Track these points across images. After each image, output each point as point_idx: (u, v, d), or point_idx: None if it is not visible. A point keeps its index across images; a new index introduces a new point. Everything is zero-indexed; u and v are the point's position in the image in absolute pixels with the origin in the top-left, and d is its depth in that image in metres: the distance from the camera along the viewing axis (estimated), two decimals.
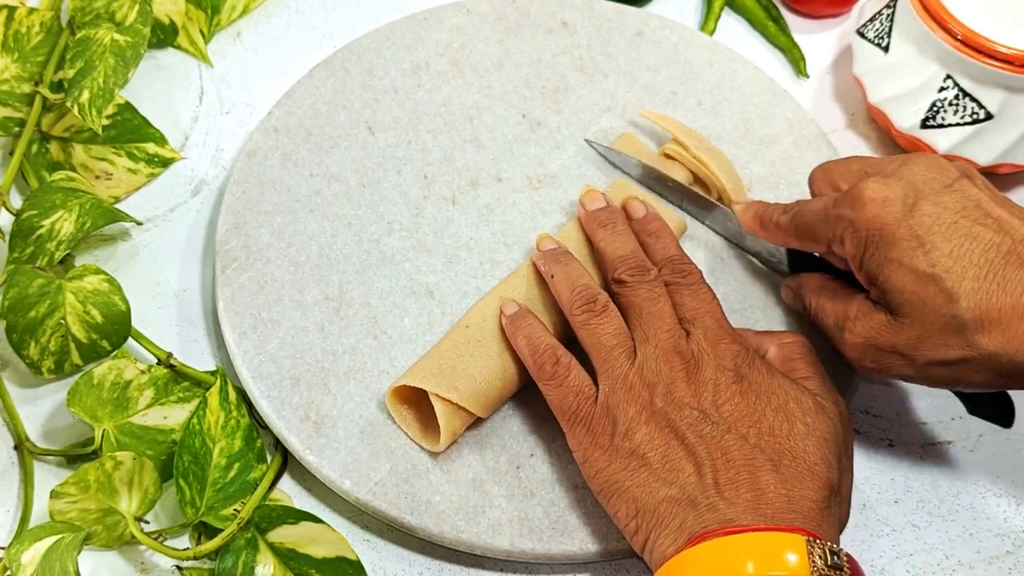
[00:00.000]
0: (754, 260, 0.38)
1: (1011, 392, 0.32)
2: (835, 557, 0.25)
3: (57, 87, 0.40)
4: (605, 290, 0.33)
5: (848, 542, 0.34)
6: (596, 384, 0.30)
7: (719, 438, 0.28)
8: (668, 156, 0.39)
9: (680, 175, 0.38)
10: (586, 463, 0.30)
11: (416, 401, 0.33)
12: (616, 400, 0.29)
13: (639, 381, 0.29)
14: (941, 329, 0.28)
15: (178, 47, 0.44)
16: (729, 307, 0.33)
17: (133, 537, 0.31)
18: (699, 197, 0.38)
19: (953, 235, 0.28)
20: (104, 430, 0.33)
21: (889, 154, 0.43)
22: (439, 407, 0.32)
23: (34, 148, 0.40)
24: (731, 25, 0.47)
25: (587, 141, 0.40)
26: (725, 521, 0.26)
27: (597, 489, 0.29)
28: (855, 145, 0.44)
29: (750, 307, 0.37)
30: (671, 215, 0.37)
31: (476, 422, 0.34)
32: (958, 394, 0.33)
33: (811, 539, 0.25)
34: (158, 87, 0.43)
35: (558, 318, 0.34)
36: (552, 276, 0.33)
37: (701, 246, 0.38)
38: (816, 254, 0.34)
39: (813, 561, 0.25)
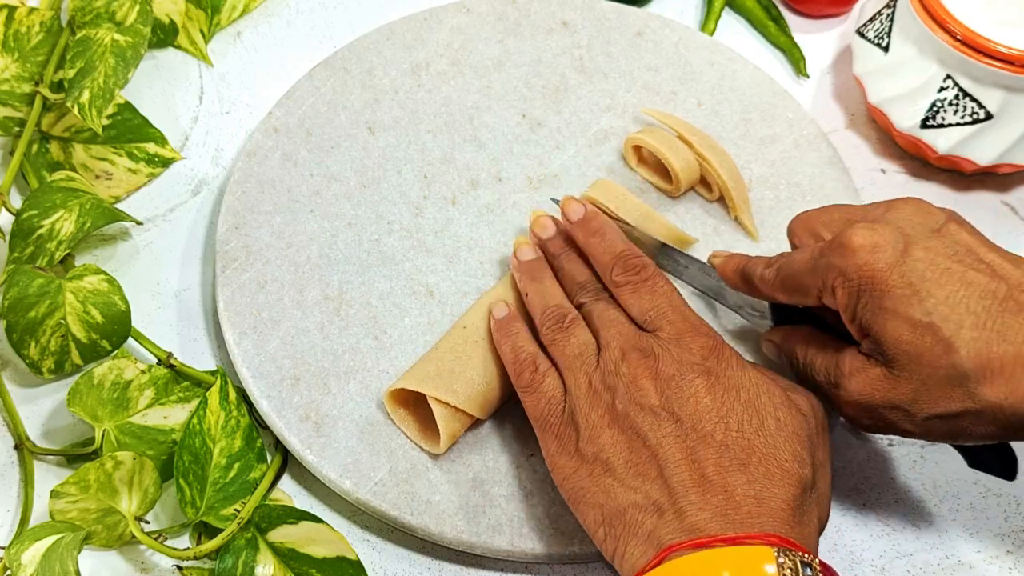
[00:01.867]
0: (736, 314, 0.36)
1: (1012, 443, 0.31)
2: (807, 569, 0.24)
3: (57, 87, 0.40)
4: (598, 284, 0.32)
5: (848, 542, 0.34)
6: None
7: (684, 438, 0.27)
8: (636, 147, 0.39)
9: (658, 230, 0.36)
10: (554, 470, 0.29)
11: (415, 402, 0.33)
12: (579, 406, 0.29)
13: (601, 386, 0.29)
14: (941, 381, 0.27)
15: (178, 47, 0.44)
16: None
17: (133, 537, 0.31)
18: (675, 252, 0.36)
19: (947, 281, 0.27)
20: (104, 430, 0.33)
21: (889, 154, 0.43)
22: (438, 410, 0.32)
23: (34, 148, 0.40)
24: (731, 25, 0.47)
25: (553, 200, 0.37)
26: (692, 530, 0.25)
27: (566, 496, 0.29)
28: (855, 145, 0.44)
29: None
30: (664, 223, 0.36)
31: (476, 422, 0.34)
32: (957, 447, 0.31)
33: (781, 549, 0.24)
34: (158, 87, 0.43)
35: None
36: (527, 295, 0.33)
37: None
38: (802, 307, 0.32)
39: (783, 574, 0.24)
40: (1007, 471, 0.31)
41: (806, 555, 0.24)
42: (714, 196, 0.39)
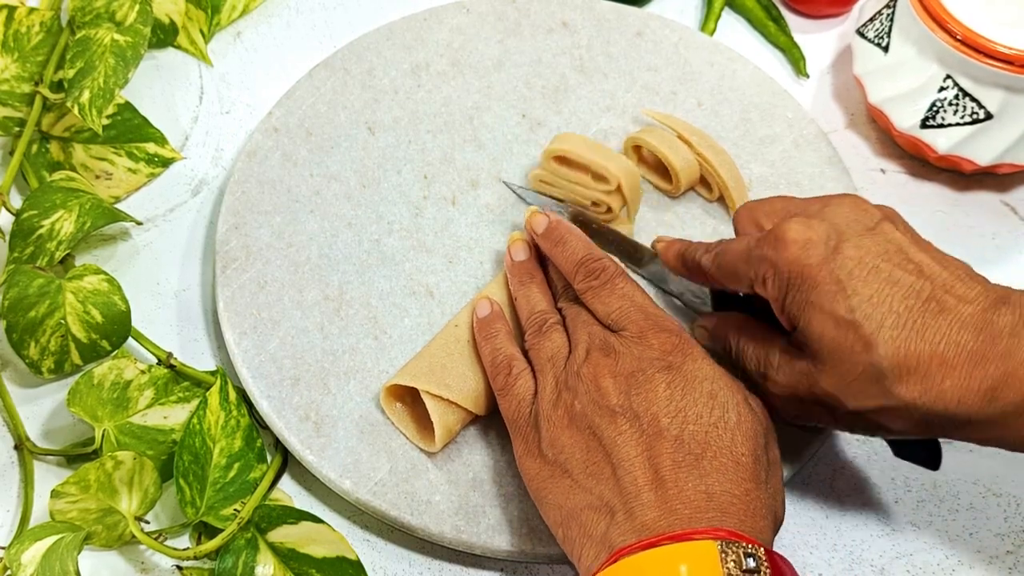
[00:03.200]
0: (677, 301, 0.36)
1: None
2: (751, 559, 0.24)
3: (57, 87, 0.40)
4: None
5: (848, 542, 0.34)
6: None
7: (640, 435, 0.27)
8: (636, 147, 0.39)
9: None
10: (522, 471, 0.30)
11: (412, 401, 0.33)
12: (543, 408, 0.29)
13: (564, 387, 0.29)
14: (860, 377, 0.27)
15: (178, 47, 0.44)
16: None
17: (133, 537, 0.31)
18: (621, 238, 0.36)
19: (874, 280, 0.27)
20: (104, 430, 0.33)
21: (889, 154, 0.43)
22: (431, 404, 0.32)
23: (34, 148, 0.40)
24: (731, 25, 0.47)
25: (504, 183, 0.38)
26: (641, 530, 0.25)
27: (533, 497, 0.29)
28: (855, 145, 0.44)
29: None
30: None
31: (475, 421, 0.34)
32: (885, 439, 0.31)
33: (725, 542, 0.24)
34: (158, 87, 0.43)
35: None
36: (516, 299, 0.34)
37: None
38: (740, 294, 0.33)
39: (727, 567, 0.24)
40: (931, 461, 0.31)
41: (752, 545, 0.24)
42: (714, 196, 0.39)
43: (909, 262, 0.28)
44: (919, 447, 0.31)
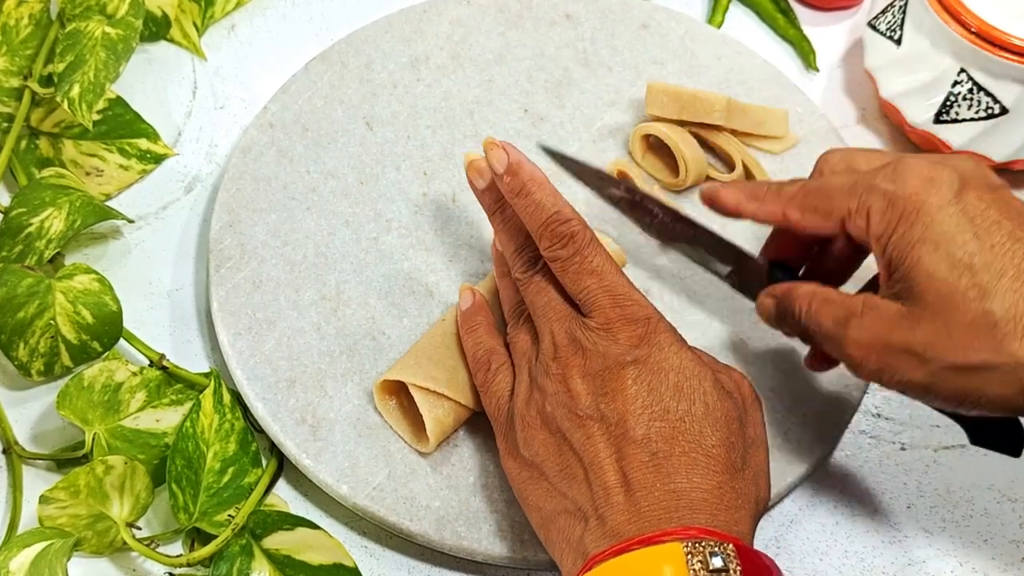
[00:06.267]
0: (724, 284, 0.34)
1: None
2: (717, 558, 0.23)
3: (46, 81, 0.39)
4: None
5: (859, 548, 0.33)
6: None
7: (609, 437, 0.26)
8: (644, 138, 0.39)
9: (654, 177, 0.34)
10: (505, 470, 0.29)
11: (409, 403, 0.33)
12: (518, 407, 0.29)
13: (535, 385, 0.28)
14: (966, 327, 0.26)
15: (171, 40, 0.44)
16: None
17: (124, 543, 0.31)
18: (667, 209, 0.33)
19: (996, 232, 0.26)
20: (95, 434, 0.32)
21: (902, 150, 0.43)
22: (419, 397, 0.31)
23: (23, 144, 0.39)
24: (739, 17, 0.46)
25: (544, 147, 0.34)
26: (613, 536, 0.25)
27: (516, 497, 0.29)
28: (867, 141, 0.43)
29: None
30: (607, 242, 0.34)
31: (474, 423, 0.33)
32: (960, 420, 0.30)
33: (693, 542, 0.24)
34: (150, 81, 0.43)
35: None
36: (500, 286, 0.33)
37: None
38: (794, 261, 0.31)
39: (692, 569, 0.23)
40: (1013, 447, 0.29)
41: (721, 542, 0.24)
42: (735, 173, 0.38)
43: None
44: (1000, 432, 0.29)
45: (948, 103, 0.39)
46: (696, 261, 0.34)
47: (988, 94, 0.38)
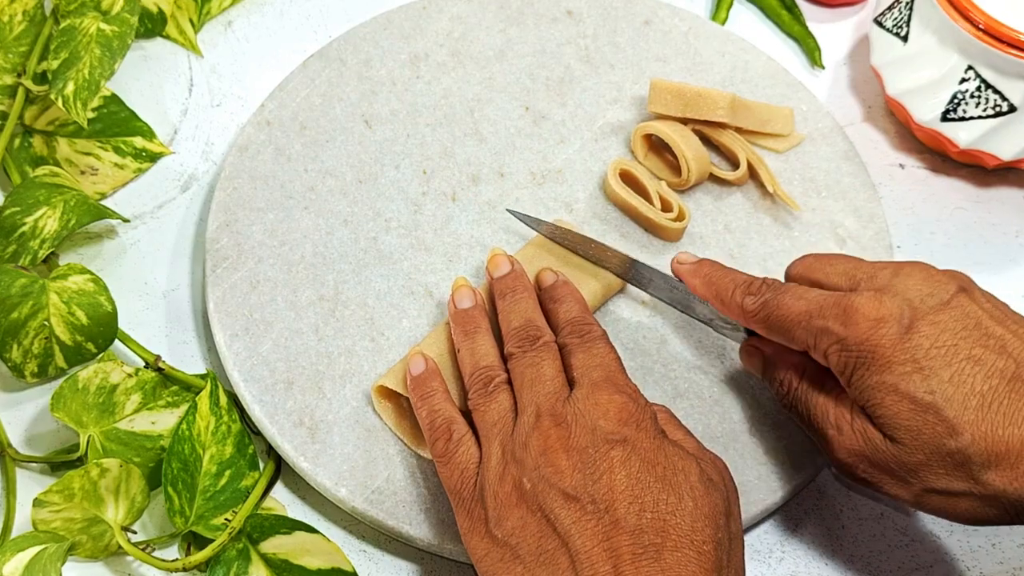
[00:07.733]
0: (706, 327, 0.34)
1: None
2: None
3: (41, 79, 0.39)
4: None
5: (865, 553, 0.33)
6: None
7: (597, 522, 0.25)
8: (645, 137, 0.38)
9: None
10: (467, 549, 0.27)
11: (408, 407, 0.33)
12: (488, 482, 0.27)
13: (511, 457, 0.27)
14: (943, 460, 0.26)
15: (167, 37, 0.43)
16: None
17: (120, 547, 0.31)
18: (640, 265, 0.33)
19: (953, 359, 0.26)
20: (89, 436, 0.32)
21: (908, 148, 0.42)
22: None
23: (17, 142, 0.39)
24: (743, 14, 0.46)
25: (509, 211, 0.36)
26: None
27: None
28: (873, 139, 0.43)
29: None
30: (588, 281, 0.34)
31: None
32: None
33: None
34: (146, 79, 0.42)
35: None
36: (459, 350, 0.31)
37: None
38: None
39: None
40: None
41: None
42: (741, 179, 0.38)
43: (989, 338, 0.27)
44: None
45: (955, 101, 0.38)
46: (675, 304, 0.34)
47: (996, 91, 0.38)
